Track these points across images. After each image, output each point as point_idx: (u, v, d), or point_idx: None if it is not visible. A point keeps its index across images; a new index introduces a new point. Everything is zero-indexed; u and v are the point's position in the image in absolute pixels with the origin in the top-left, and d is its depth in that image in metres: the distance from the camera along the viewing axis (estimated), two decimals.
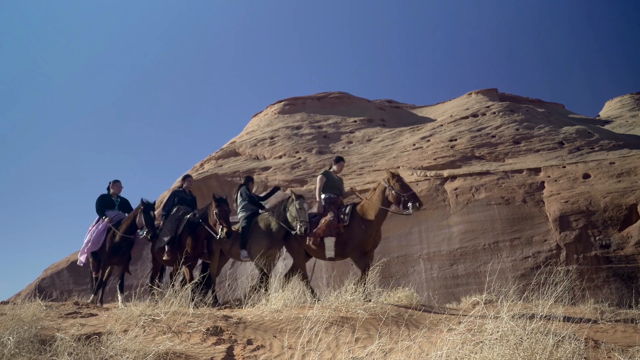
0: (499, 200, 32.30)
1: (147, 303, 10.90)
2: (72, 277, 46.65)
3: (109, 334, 7.48)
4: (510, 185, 32.90)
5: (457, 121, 48.48)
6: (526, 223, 30.40)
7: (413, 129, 49.86)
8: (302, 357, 7.16)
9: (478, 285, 28.12)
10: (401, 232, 33.29)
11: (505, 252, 29.69)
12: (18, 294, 46.32)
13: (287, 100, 60.62)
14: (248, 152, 50.18)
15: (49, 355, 6.40)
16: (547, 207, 30.73)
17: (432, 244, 32.81)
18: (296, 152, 46.89)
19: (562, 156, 36.83)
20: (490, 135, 42.63)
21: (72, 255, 49.05)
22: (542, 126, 43.57)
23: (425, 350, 6.88)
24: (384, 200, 12.43)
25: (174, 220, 14.68)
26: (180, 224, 14.39)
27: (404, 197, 12.00)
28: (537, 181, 33.22)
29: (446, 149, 40.95)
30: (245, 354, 7.39)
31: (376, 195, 12.65)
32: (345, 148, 48.19)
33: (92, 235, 15.41)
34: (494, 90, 57.12)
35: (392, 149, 45.00)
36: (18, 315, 7.70)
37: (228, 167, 46.71)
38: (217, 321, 8.88)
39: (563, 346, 6.18)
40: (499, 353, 5.84)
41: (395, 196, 12.15)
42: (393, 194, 12.18)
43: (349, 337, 7.84)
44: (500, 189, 32.85)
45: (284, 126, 53.82)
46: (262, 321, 9.17)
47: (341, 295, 10.94)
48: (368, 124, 54.66)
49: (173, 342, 7.53)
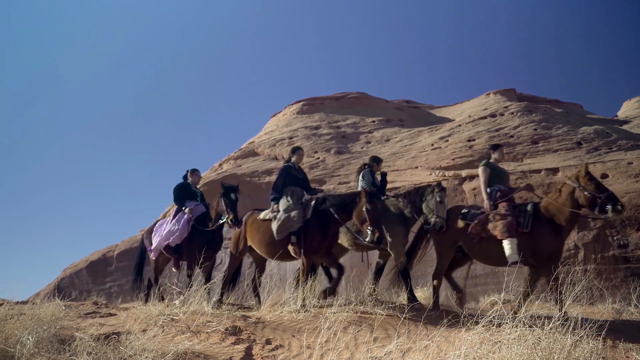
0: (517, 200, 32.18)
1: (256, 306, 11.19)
2: (91, 277, 46.85)
3: (127, 333, 7.51)
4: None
5: (476, 121, 48.30)
6: None
7: (431, 129, 49.73)
8: (321, 356, 7.17)
9: (496, 285, 27.97)
10: None
11: None
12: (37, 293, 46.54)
13: (306, 101, 60.52)
14: (267, 152, 50.16)
15: (68, 354, 6.42)
16: None
17: None
18: (315, 152, 46.85)
19: (580, 156, 36.65)
20: (509, 135, 42.45)
21: (91, 255, 49.28)
22: (560, 126, 43.35)
23: (443, 350, 6.88)
24: (574, 203, 10.31)
25: (298, 205, 11.82)
26: (306, 210, 11.65)
27: (601, 199, 9.87)
28: (555, 181, 33.09)
29: (464, 149, 40.83)
30: (263, 354, 7.41)
31: (563, 197, 10.55)
32: (364, 148, 48.10)
33: (174, 227, 13.49)
34: (512, 90, 56.86)
35: (410, 149, 44.90)
36: (37, 315, 7.71)
37: (247, 167, 46.74)
38: (236, 321, 8.90)
39: (581, 346, 6.18)
40: (517, 352, 5.84)
41: (588, 198, 10.03)
42: (586, 196, 10.05)
43: (367, 337, 7.85)
44: None
45: (302, 126, 53.78)
46: (281, 321, 9.18)
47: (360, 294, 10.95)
48: (386, 124, 54.52)
49: (192, 342, 7.56)
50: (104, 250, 48.89)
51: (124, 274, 45.64)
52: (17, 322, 7.09)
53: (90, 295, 34.97)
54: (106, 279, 46.46)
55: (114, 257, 47.15)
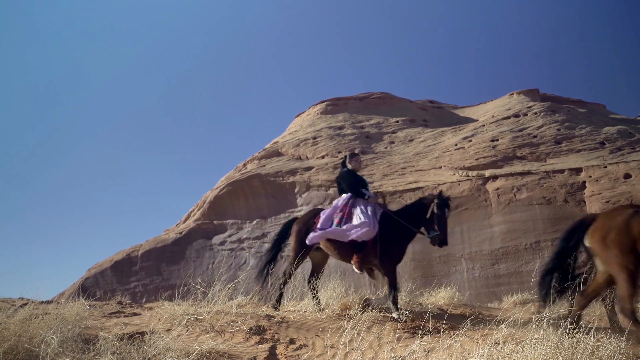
0: (541, 200, 32.20)
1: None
2: (115, 277, 47.08)
3: (152, 333, 7.52)
4: (552, 185, 32.77)
5: (499, 121, 48.24)
6: (567, 223, 30.08)
7: (455, 129, 49.72)
8: (345, 356, 7.19)
9: (520, 284, 28.00)
10: None
11: (546, 252, 29.50)
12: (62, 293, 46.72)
13: (330, 101, 60.55)
14: (291, 152, 50.31)
15: (92, 354, 6.44)
16: (589, 206, 30.58)
17: (474, 243, 32.80)
18: (338, 152, 46.92)
19: (603, 156, 36.58)
20: (532, 135, 42.39)
21: (115, 255, 49.51)
22: (583, 126, 43.26)
23: (466, 349, 6.88)
24: None
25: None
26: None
27: None
28: (579, 181, 33.05)
29: (488, 149, 40.79)
30: (287, 353, 7.43)
31: None
32: (388, 148, 48.16)
33: (361, 220, 10.49)
34: (536, 90, 56.71)
35: (434, 149, 44.93)
36: (62, 314, 7.72)
37: (271, 167, 46.92)
38: (260, 320, 8.91)
39: (604, 345, 6.16)
40: (540, 352, 5.83)
41: None
42: None
43: (391, 336, 7.86)
44: (542, 189, 32.74)
45: (326, 126, 53.85)
46: (305, 320, 9.20)
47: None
48: (410, 124, 54.55)
49: (216, 342, 7.58)
50: (129, 250, 49.12)
51: (148, 273, 45.92)
52: (41, 321, 7.11)
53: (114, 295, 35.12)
54: (130, 278, 46.68)
55: (139, 257, 47.39)
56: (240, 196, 46.74)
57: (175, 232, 48.69)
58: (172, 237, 48.03)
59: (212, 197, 47.85)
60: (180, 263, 45.02)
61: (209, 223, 47.19)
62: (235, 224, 45.80)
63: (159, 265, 46.27)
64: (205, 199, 49.18)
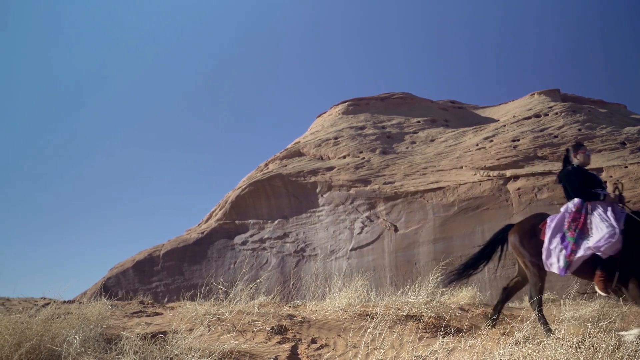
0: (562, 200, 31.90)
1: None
2: (137, 277, 47.20)
3: (174, 332, 7.57)
4: None
5: (520, 121, 48.08)
6: None
7: (476, 129, 49.61)
8: (366, 355, 7.20)
9: None
10: (464, 231, 33.28)
11: None
12: (84, 293, 46.89)
13: (351, 101, 60.54)
14: (312, 152, 50.33)
15: (114, 354, 6.49)
16: None
17: None
18: (360, 152, 46.92)
19: (624, 156, 36.40)
20: (553, 135, 42.25)
21: (137, 254, 49.62)
22: (604, 126, 43.08)
23: (488, 349, 6.88)
24: None
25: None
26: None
27: None
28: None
29: (509, 149, 40.70)
30: (309, 353, 7.44)
31: None
32: (409, 148, 48.12)
33: (603, 230, 8.22)
34: (557, 90, 56.51)
35: (455, 149, 44.85)
36: (84, 314, 7.78)
37: (292, 167, 46.92)
38: (282, 320, 8.95)
39: (625, 344, 6.16)
40: (561, 352, 5.82)
41: None
42: None
43: (412, 336, 7.87)
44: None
45: (347, 126, 53.83)
46: (326, 320, 9.22)
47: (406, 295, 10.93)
48: (431, 124, 54.49)
49: (238, 341, 7.62)
50: (150, 250, 49.21)
51: (170, 273, 46.00)
52: (64, 321, 7.15)
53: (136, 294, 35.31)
54: (152, 278, 46.76)
55: (160, 256, 47.47)
56: (262, 196, 46.69)
57: (197, 232, 48.74)
58: (193, 237, 48.09)
59: (233, 197, 47.89)
60: (202, 263, 45.09)
61: (231, 223, 47.24)
62: (256, 223, 45.79)
63: (181, 265, 46.34)
64: (227, 198, 49.24)
